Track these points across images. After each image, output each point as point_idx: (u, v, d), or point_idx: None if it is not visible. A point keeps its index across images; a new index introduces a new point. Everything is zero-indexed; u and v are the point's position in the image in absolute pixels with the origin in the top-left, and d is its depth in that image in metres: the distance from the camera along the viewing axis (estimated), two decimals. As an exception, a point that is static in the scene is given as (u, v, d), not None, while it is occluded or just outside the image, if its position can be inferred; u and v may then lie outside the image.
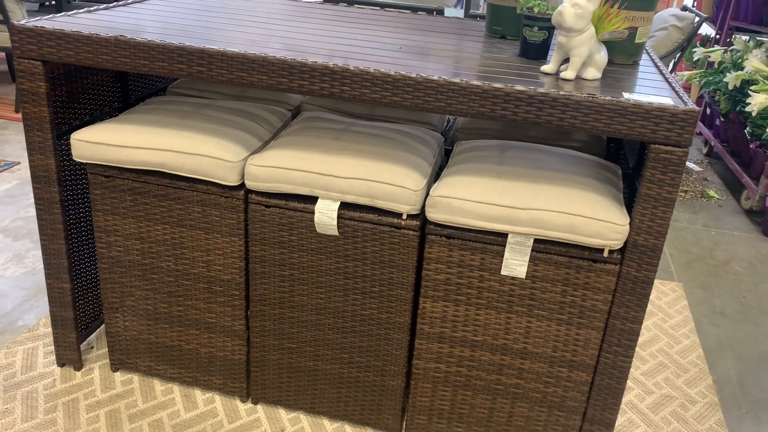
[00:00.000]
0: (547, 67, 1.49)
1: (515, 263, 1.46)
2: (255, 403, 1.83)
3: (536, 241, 1.45)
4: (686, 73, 4.35)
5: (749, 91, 3.29)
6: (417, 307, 1.61)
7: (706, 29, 4.86)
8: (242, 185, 1.58)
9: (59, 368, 1.89)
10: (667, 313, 2.43)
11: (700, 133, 4.50)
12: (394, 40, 1.71)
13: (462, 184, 1.47)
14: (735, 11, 4.09)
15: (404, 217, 1.50)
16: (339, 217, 1.53)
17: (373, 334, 1.65)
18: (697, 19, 3.62)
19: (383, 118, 1.92)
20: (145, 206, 1.64)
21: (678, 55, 3.71)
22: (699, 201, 3.57)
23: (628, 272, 1.42)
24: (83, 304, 1.89)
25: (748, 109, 3.23)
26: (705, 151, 4.34)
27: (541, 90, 1.32)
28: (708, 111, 4.35)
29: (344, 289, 1.61)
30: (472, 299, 1.54)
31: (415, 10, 3.05)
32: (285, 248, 1.60)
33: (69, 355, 1.88)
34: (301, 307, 1.66)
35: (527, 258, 1.45)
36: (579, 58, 1.43)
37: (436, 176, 1.64)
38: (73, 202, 1.76)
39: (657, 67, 1.66)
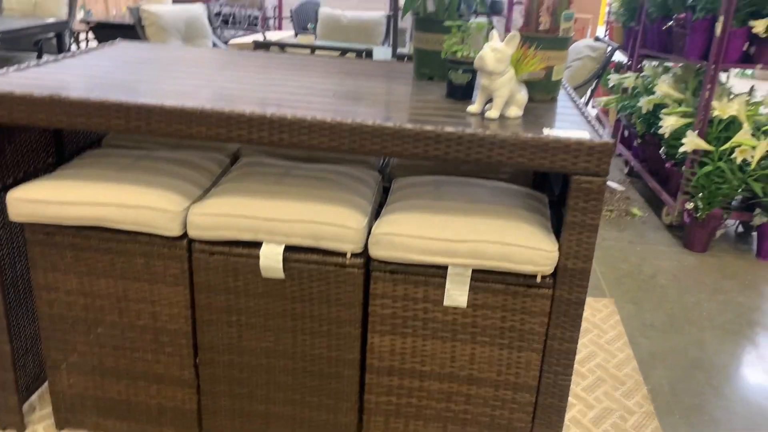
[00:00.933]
0: (472, 108, 1.58)
1: (456, 294, 1.53)
2: (208, 451, 1.82)
3: (475, 271, 1.52)
4: (603, 98, 4.61)
5: (661, 114, 3.52)
6: (365, 342, 1.65)
7: (620, 56, 5.17)
8: (185, 234, 1.60)
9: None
10: (602, 329, 2.55)
11: (620, 155, 4.75)
12: (326, 85, 1.77)
13: (402, 221, 1.53)
14: (643, 40, 4.38)
15: (348, 256, 1.55)
16: (284, 260, 1.56)
17: (323, 373, 1.68)
18: (609, 48, 3.86)
19: (321, 160, 1.98)
20: (87, 261, 1.63)
21: (595, 82, 3.94)
22: (624, 219, 3.77)
23: (561, 295, 1.51)
24: (24, 364, 1.85)
25: (661, 131, 3.46)
26: (626, 171, 4.59)
27: (468, 131, 1.41)
28: (626, 133, 4.62)
29: (293, 330, 1.64)
30: (418, 331, 1.59)
31: (344, 51, 3.15)
32: (231, 294, 1.62)
33: (11, 419, 1.82)
34: (251, 352, 1.68)
35: (467, 288, 1.53)
36: (501, 98, 1.53)
37: (376, 214, 1.70)
38: (9, 260, 1.73)
39: (573, 101, 1.79)
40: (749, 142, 3.11)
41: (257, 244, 1.58)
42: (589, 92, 3.98)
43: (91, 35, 5.50)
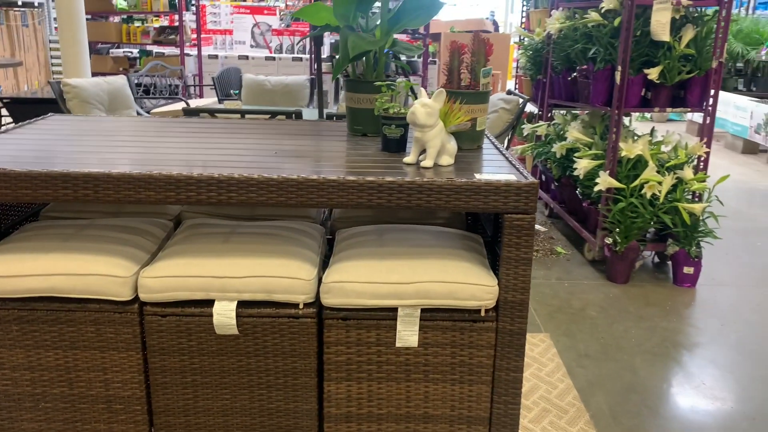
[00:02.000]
0: (408, 159, 1.70)
1: (407, 334, 1.60)
2: None
3: (423, 310, 1.61)
4: (519, 147, 4.89)
5: (574, 158, 3.78)
6: (322, 391, 1.69)
7: (531, 107, 5.52)
8: (135, 299, 1.61)
9: None
10: (541, 362, 2.67)
11: (540, 198, 5.02)
12: (267, 145, 1.85)
13: (351, 269, 1.61)
14: (551, 91, 4.72)
15: (301, 306, 1.61)
16: (237, 315, 1.60)
17: (282, 426, 1.69)
18: (521, 100, 4.14)
19: (264, 217, 2.04)
20: (34, 334, 1.61)
21: (510, 132, 4.19)
22: (549, 257, 3.96)
23: (504, 327, 1.61)
24: (-37, 450, 1.77)
25: (576, 173, 3.71)
26: (547, 213, 4.84)
27: (408, 179, 1.51)
28: (543, 178, 4.89)
29: (249, 386, 1.66)
30: (373, 374, 1.65)
31: (273, 114, 3.24)
32: (185, 355, 1.63)
33: None
34: (207, 412, 1.68)
35: (417, 328, 1.60)
36: (434, 148, 1.66)
37: (323, 265, 1.77)
38: (-52, 342, 1.68)
39: (496, 148, 1.94)
40: (656, 178, 3.38)
41: (209, 303, 1.61)
42: (506, 142, 4.22)
43: (4, 112, 5.38)
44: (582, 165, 3.66)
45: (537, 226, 4.55)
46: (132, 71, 7.94)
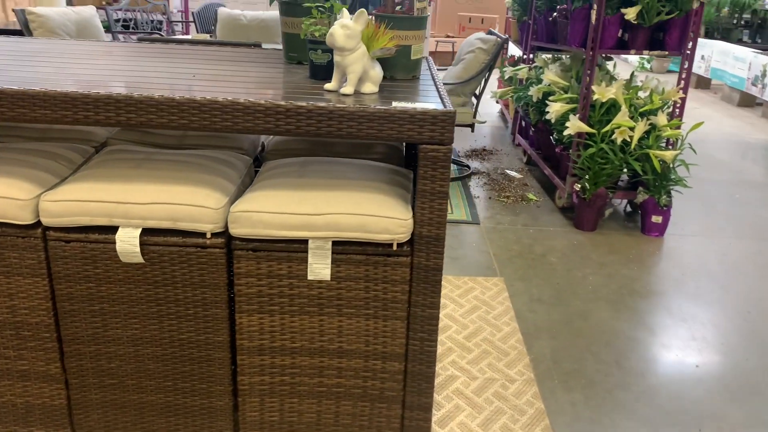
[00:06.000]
0: (329, 85, 1.61)
1: (319, 267, 1.55)
2: (82, 448, 1.77)
3: (335, 243, 1.55)
4: (499, 90, 4.76)
5: (548, 101, 3.67)
6: (234, 323, 1.65)
7: (517, 51, 5.36)
8: (39, 223, 1.56)
9: None
10: (490, 306, 2.64)
11: (519, 145, 4.92)
12: (193, 70, 1.77)
13: (262, 198, 1.54)
14: (534, 33, 4.56)
15: (208, 236, 1.55)
16: (143, 243, 1.54)
17: (194, 357, 1.66)
18: (499, 40, 3.99)
19: (192, 147, 1.96)
20: (-66, 256, 1.56)
21: (487, 73, 4.06)
22: (520, 204, 3.90)
23: (419, 262, 1.56)
24: None
25: (547, 117, 3.61)
26: (525, 160, 4.75)
27: (319, 104, 1.43)
28: (523, 123, 4.78)
29: (158, 316, 1.62)
30: (285, 308, 1.61)
31: (233, 46, 3.13)
32: (92, 282, 1.59)
33: None
34: (117, 341, 1.65)
35: (329, 261, 1.55)
36: (354, 74, 1.57)
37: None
38: None
39: (434, 80, 1.84)
40: (627, 123, 3.28)
41: (114, 229, 1.55)
42: (483, 83, 4.10)
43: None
44: (554, 109, 3.55)
45: (512, 173, 4.47)
46: (116, 5, 7.72)
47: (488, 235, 3.41)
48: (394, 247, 1.54)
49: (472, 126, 4.16)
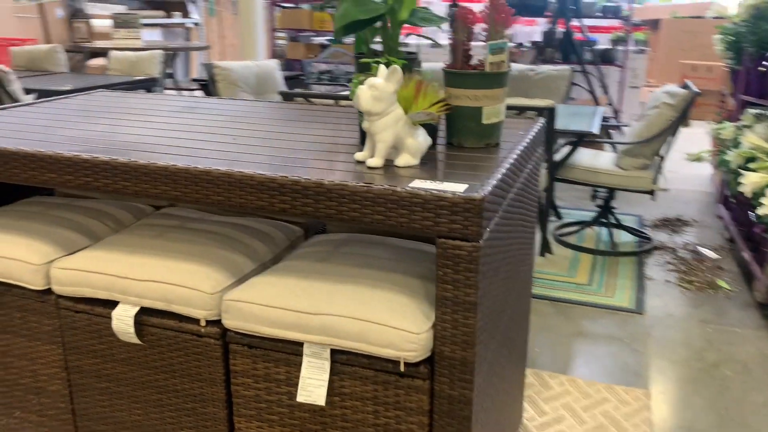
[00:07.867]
0: (359, 155, 1.34)
1: (313, 383, 1.25)
2: None
3: (339, 352, 1.24)
4: (698, 152, 4.04)
5: (745, 169, 2.96)
6: (233, 428, 1.41)
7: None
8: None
9: None
10: (621, 428, 2.08)
11: (721, 217, 4.10)
12: (269, 134, 1.61)
13: (260, 286, 1.30)
14: (746, 84, 3.80)
15: (202, 323, 1.34)
16: (142, 323, 1.38)
17: (195, 456, 1.45)
18: (689, 94, 3.37)
19: (250, 213, 1.79)
20: (-34, 312, 1.56)
21: (673, 132, 3.44)
22: (705, 293, 3.17)
23: (441, 390, 1.19)
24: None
25: (740, 189, 2.90)
26: (728, 236, 3.93)
27: (311, 180, 1.16)
28: (726, 192, 3.98)
29: (159, 405, 1.44)
30: (285, 420, 1.33)
31: (521, 110, 2.96)
32: (98, 358, 1.47)
33: None
34: (123, 424, 1.50)
35: (326, 377, 1.24)
36: (383, 144, 1.27)
37: (265, 276, 1.48)
38: None
39: (515, 151, 1.46)
40: None
41: (117, 304, 1.42)
42: (667, 144, 3.47)
43: (200, 93, 5.88)
44: (751, 179, 2.84)
45: (705, 251, 3.70)
46: (313, 58, 8.19)
47: (650, 329, 2.78)
48: (402, 368, 1.19)
49: (652, 192, 3.53)
